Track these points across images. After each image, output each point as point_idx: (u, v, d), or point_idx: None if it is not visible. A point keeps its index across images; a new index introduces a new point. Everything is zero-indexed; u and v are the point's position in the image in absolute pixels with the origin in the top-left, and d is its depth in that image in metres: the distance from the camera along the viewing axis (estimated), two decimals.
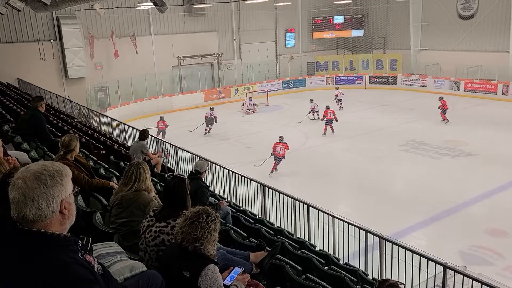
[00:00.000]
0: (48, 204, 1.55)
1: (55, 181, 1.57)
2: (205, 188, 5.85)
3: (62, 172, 1.61)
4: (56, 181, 1.57)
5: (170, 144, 11.39)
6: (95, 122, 16.68)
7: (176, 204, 3.15)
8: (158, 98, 25.06)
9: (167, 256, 2.81)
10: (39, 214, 1.54)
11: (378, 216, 10.63)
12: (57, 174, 1.59)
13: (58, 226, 1.60)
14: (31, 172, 1.57)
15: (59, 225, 1.60)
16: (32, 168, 1.59)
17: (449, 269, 5.22)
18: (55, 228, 1.59)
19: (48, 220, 1.57)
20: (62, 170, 1.62)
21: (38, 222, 1.55)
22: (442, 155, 15.72)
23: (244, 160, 15.61)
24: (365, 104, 24.90)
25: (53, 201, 1.56)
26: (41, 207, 1.54)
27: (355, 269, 5.38)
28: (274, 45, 30.93)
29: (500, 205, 11.60)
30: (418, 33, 29.13)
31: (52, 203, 1.56)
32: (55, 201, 1.57)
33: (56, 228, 1.59)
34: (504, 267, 8.77)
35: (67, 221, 1.64)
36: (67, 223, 1.64)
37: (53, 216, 1.57)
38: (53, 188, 1.56)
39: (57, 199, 1.57)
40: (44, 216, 1.55)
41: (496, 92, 24.79)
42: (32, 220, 1.54)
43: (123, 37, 23.65)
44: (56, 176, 1.58)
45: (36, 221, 1.55)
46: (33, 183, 1.54)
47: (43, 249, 1.54)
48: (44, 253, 1.53)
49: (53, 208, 1.57)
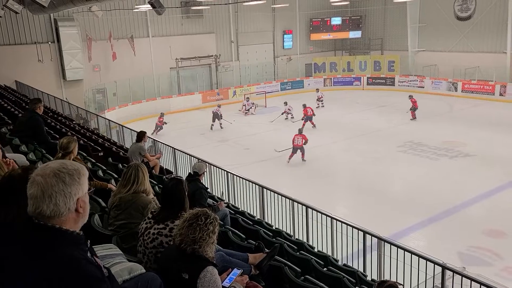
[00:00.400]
0: (65, 201, 1.59)
1: (73, 179, 1.62)
2: (203, 189, 5.85)
3: (80, 171, 1.66)
4: (74, 179, 1.62)
5: (168, 146, 11.37)
6: (93, 124, 16.66)
7: (174, 206, 3.15)
8: (156, 100, 25.05)
9: (166, 258, 2.81)
10: (56, 211, 1.58)
11: (376, 217, 10.64)
12: (75, 172, 1.63)
13: (72, 224, 1.64)
14: (50, 169, 1.61)
15: (73, 223, 1.64)
16: (52, 166, 1.64)
17: (447, 270, 5.22)
18: (69, 225, 1.62)
19: (63, 217, 1.61)
20: (80, 169, 1.67)
21: (54, 218, 1.59)
22: (440, 156, 15.75)
23: (243, 161, 15.61)
24: (363, 105, 24.93)
25: (70, 198, 1.60)
26: (59, 203, 1.58)
27: (354, 270, 5.38)
28: (272, 47, 30.97)
29: (498, 206, 11.62)
30: (415, 34, 29.21)
31: (69, 200, 1.60)
32: (72, 199, 1.61)
33: (70, 225, 1.63)
34: (502, 268, 8.79)
35: (80, 220, 1.68)
36: (81, 222, 1.68)
37: (69, 214, 1.62)
38: (71, 186, 1.61)
39: (74, 197, 1.61)
40: (60, 213, 1.59)
41: (494, 93, 24.86)
42: (48, 216, 1.58)
43: (121, 39, 23.65)
44: (74, 175, 1.63)
45: (52, 217, 1.59)
46: (52, 180, 1.58)
47: (56, 244, 1.57)
48: (58, 248, 1.56)
49: (70, 206, 1.61)
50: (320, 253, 5.94)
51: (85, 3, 13.00)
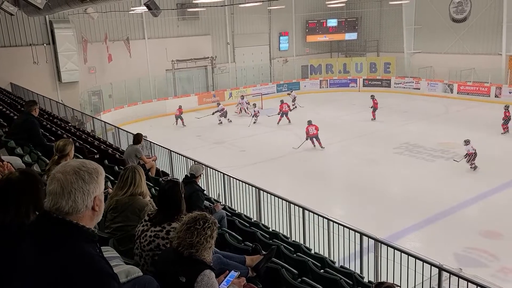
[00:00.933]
0: (83, 199, 1.65)
1: (92, 177, 1.68)
2: (200, 191, 5.83)
3: (98, 170, 1.73)
4: (92, 178, 1.68)
5: (164, 148, 11.35)
6: (89, 127, 16.61)
7: (171, 208, 3.14)
8: (152, 102, 25.02)
9: (163, 261, 2.80)
10: (74, 207, 1.64)
11: (373, 219, 10.66)
12: (94, 171, 1.70)
13: (88, 221, 1.70)
14: (70, 167, 1.68)
15: (89, 220, 1.70)
16: (72, 164, 1.71)
17: (444, 271, 5.24)
18: (85, 222, 1.68)
19: (80, 214, 1.66)
20: (98, 169, 1.74)
21: (72, 214, 1.65)
22: (436, 157, 15.80)
23: (239, 163, 15.59)
24: (359, 107, 24.96)
25: (88, 196, 1.67)
26: (77, 200, 1.64)
27: (351, 272, 5.38)
28: (268, 49, 31.00)
29: (494, 207, 11.67)
30: (411, 36, 29.32)
31: (87, 198, 1.66)
32: (90, 196, 1.67)
33: (86, 222, 1.69)
34: (498, 269, 8.82)
35: (95, 218, 1.74)
36: (95, 220, 1.75)
37: (86, 211, 1.67)
38: (90, 184, 1.67)
39: (91, 195, 1.68)
40: (78, 210, 1.65)
41: (489, 94, 24.98)
42: (66, 212, 1.64)
43: (116, 41, 23.59)
44: (93, 173, 1.69)
45: (70, 214, 1.64)
46: (72, 177, 1.65)
47: (73, 238, 1.62)
48: (74, 242, 1.61)
49: (87, 203, 1.67)
50: (317, 255, 5.94)
51: (80, 5, 12.96)
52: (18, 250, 1.68)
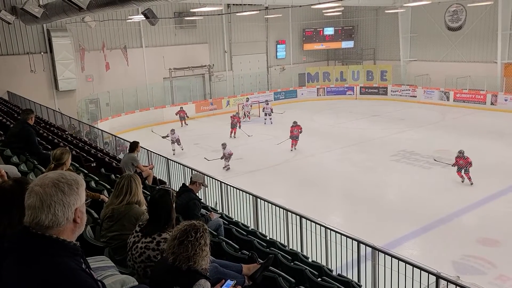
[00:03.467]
0: (64, 211, 1.60)
1: (71, 189, 1.62)
2: (197, 200, 5.81)
3: (78, 181, 1.67)
4: (72, 189, 1.63)
5: (161, 156, 11.33)
6: (87, 135, 16.58)
7: (161, 218, 3.11)
8: (149, 110, 25.02)
9: (158, 271, 2.78)
10: (54, 221, 1.58)
11: (370, 227, 10.64)
12: (73, 183, 1.64)
13: (69, 234, 1.64)
14: (49, 179, 1.62)
15: (70, 233, 1.65)
16: (50, 176, 1.64)
17: (442, 279, 5.22)
18: (66, 235, 1.63)
19: (61, 227, 1.61)
20: (78, 180, 1.68)
21: (52, 228, 1.59)
22: (433, 164, 15.82)
23: (236, 171, 15.58)
24: (356, 115, 25.07)
25: (69, 208, 1.61)
26: (57, 213, 1.58)
27: (348, 280, 5.36)
28: (265, 57, 31.13)
29: (491, 214, 11.67)
30: (407, 44, 29.52)
31: (68, 210, 1.61)
32: (71, 209, 1.62)
33: (68, 235, 1.64)
34: (496, 276, 8.79)
35: (77, 230, 1.68)
36: (77, 232, 1.69)
37: (67, 224, 1.62)
38: (70, 196, 1.61)
39: (72, 207, 1.62)
40: (58, 223, 1.59)
41: (485, 102, 25.12)
42: (46, 226, 1.58)
43: (114, 49, 23.65)
44: (73, 185, 1.64)
45: (50, 227, 1.59)
46: (51, 189, 1.59)
47: (53, 253, 1.57)
48: (55, 258, 1.56)
49: (68, 216, 1.61)
50: (315, 263, 5.91)
51: (78, 14, 13.03)
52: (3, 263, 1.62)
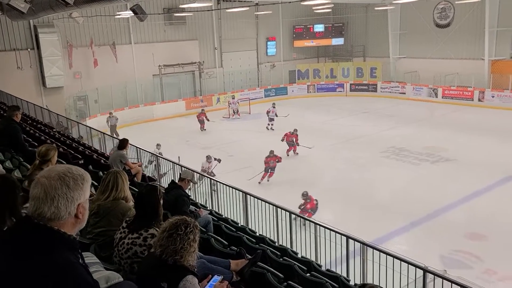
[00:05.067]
0: (67, 205, 1.61)
1: (77, 184, 1.64)
2: (186, 196, 5.78)
3: (84, 177, 1.68)
4: (78, 184, 1.64)
5: (152, 153, 11.27)
6: (75, 132, 16.40)
7: (148, 214, 3.09)
8: (139, 107, 24.86)
9: (145, 267, 2.76)
10: (56, 213, 1.60)
11: (360, 223, 10.69)
12: (79, 178, 1.66)
13: (70, 228, 1.65)
14: (55, 172, 1.64)
15: (71, 227, 1.66)
16: (57, 169, 1.66)
17: (429, 273, 5.27)
18: (66, 229, 1.64)
19: (63, 221, 1.62)
20: (84, 176, 1.69)
21: (53, 221, 1.60)
22: (422, 161, 15.97)
23: (227, 168, 15.53)
24: (347, 112, 25.17)
25: (72, 203, 1.62)
26: (60, 206, 1.60)
27: (337, 275, 5.37)
28: (256, 54, 31.08)
29: (478, 209, 11.82)
30: (396, 41, 29.69)
31: (71, 205, 1.62)
32: (74, 203, 1.63)
33: (68, 229, 1.64)
34: (483, 270, 8.91)
35: (78, 225, 1.70)
36: (78, 227, 1.71)
37: (68, 218, 1.63)
38: (74, 190, 1.63)
39: (75, 201, 1.63)
40: (60, 216, 1.60)
41: (473, 98, 25.38)
42: (48, 218, 1.59)
43: (102, 45, 23.43)
44: (79, 180, 1.65)
45: (51, 220, 1.60)
46: (57, 182, 1.60)
47: (54, 245, 1.58)
48: (55, 250, 1.57)
49: (70, 210, 1.62)
50: (304, 259, 5.92)
51: (65, 9, 12.85)
52: None
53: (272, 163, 14.68)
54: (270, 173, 14.70)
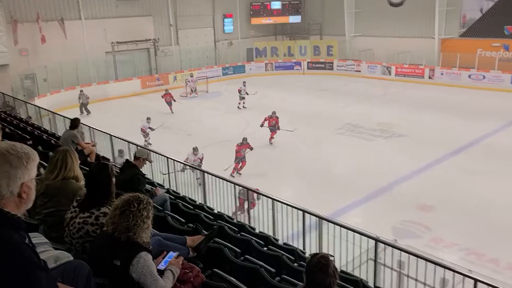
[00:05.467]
0: (8, 184, 1.55)
1: (20, 162, 1.58)
2: (141, 175, 5.68)
3: (30, 155, 1.62)
4: (21, 163, 1.58)
5: (105, 133, 10.95)
6: (23, 112, 15.62)
7: (100, 192, 3.02)
8: (91, 86, 23.91)
9: (97, 245, 2.70)
10: None
11: (318, 198, 10.95)
12: (24, 156, 1.59)
13: (14, 207, 1.60)
14: None
15: (14, 206, 1.60)
16: (1, 146, 1.60)
17: (380, 242, 5.51)
18: (10, 208, 1.58)
19: (4, 200, 1.56)
20: (30, 154, 1.63)
21: None
22: (376, 137, 16.48)
23: (186, 148, 15.35)
24: (304, 90, 25.41)
25: (14, 182, 1.56)
26: (1, 185, 1.54)
27: (294, 248, 5.51)
28: (212, 31, 30.57)
29: (428, 181, 12.42)
30: (352, 19, 30.07)
31: (12, 183, 1.56)
32: (16, 182, 1.57)
33: (12, 208, 1.59)
34: (430, 239, 9.44)
35: (23, 205, 1.64)
36: (23, 207, 1.65)
37: (11, 197, 1.57)
38: (17, 169, 1.56)
39: (18, 180, 1.57)
40: (1, 195, 1.55)
41: (424, 76, 26.31)
42: None
43: (50, 21, 22.23)
44: (23, 158, 1.59)
45: None
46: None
47: None
48: None
49: (12, 189, 1.57)
50: (261, 234, 6.02)
51: None
52: None
53: (244, 151, 13.53)
54: (243, 162, 13.51)
